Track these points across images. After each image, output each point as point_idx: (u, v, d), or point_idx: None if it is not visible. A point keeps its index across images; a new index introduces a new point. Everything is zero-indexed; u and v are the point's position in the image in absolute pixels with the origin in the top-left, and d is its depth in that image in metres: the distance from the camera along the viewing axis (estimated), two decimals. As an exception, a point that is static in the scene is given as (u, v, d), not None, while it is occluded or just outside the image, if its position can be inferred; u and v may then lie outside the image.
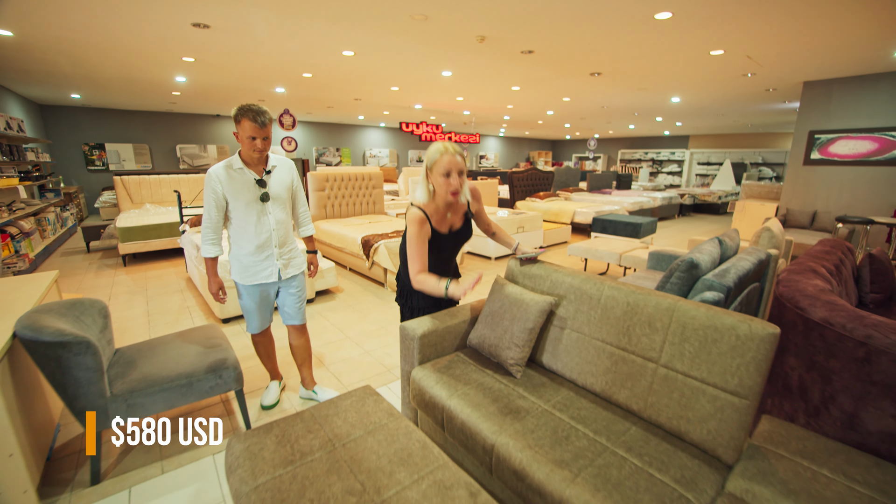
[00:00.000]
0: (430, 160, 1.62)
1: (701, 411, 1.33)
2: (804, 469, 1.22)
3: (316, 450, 1.27)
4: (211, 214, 1.88)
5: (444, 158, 1.59)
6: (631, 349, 1.53)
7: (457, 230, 1.80)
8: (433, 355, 1.85)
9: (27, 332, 1.45)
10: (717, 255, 2.56)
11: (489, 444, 1.38)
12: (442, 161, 1.59)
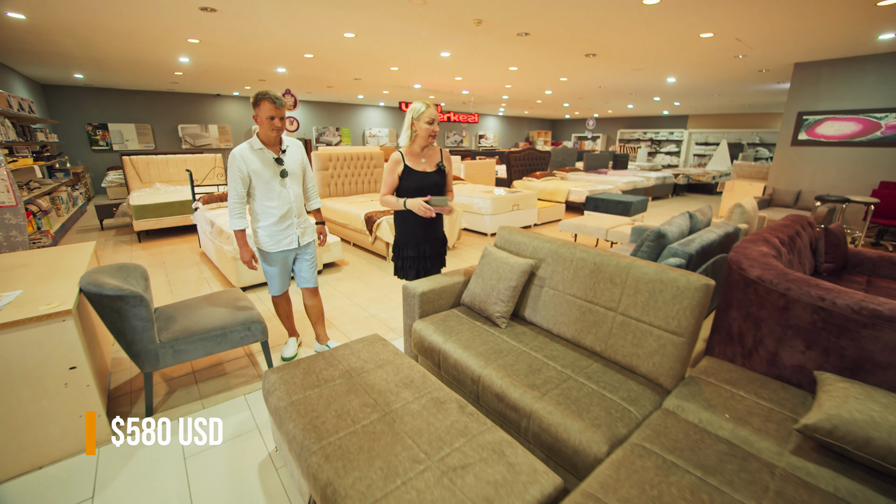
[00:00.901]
0: (416, 111, 2.13)
1: (648, 349, 1.64)
2: (725, 391, 1.54)
3: (336, 378, 1.58)
4: (238, 190, 2.13)
5: (429, 110, 2.12)
6: (595, 301, 1.83)
7: (429, 172, 2.23)
8: (431, 311, 2.16)
9: (92, 287, 1.74)
10: (687, 228, 2.85)
11: (476, 376, 1.69)
12: (427, 112, 2.11)
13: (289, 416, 1.39)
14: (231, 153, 2.10)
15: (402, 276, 2.40)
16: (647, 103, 12.44)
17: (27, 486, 1.59)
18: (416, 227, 2.27)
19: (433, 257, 2.37)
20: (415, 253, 2.30)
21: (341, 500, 1.07)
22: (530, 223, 6.19)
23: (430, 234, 2.31)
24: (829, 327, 1.56)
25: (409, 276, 2.36)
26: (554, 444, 1.41)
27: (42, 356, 1.59)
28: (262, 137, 2.15)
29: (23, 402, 1.59)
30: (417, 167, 2.19)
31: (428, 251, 2.33)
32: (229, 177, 2.14)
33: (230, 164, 2.11)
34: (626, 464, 1.20)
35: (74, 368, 1.67)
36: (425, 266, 2.36)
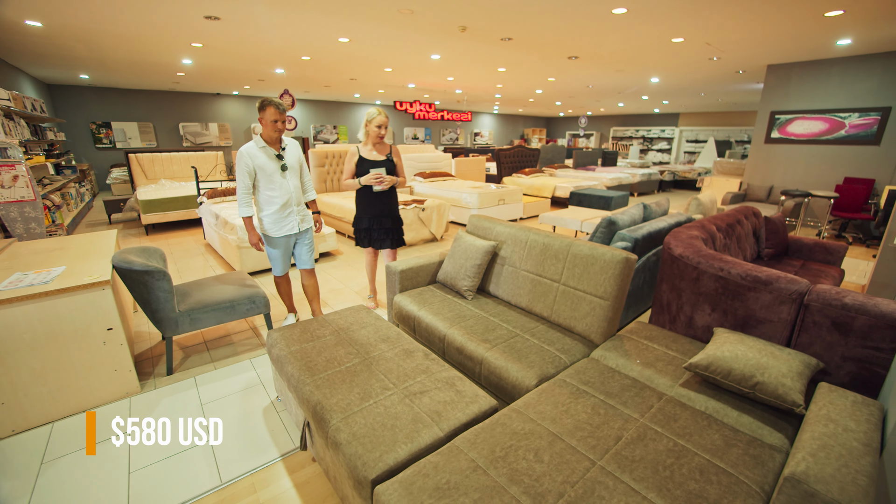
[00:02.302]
0: (369, 116, 2.81)
1: (583, 311, 2.00)
2: (643, 345, 1.90)
3: (327, 335, 1.94)
4: (246, 182, 2.49)
5: (378, 118, 2.79)
6: (544, 275, 2.19)
7: (379, 161, 2.88)
8: (410, 286, 2.52)
9: (124, 264, 2.09)
10: (640, 217, 3.21)
11: (442, 335, 2.05)
12: (377, 119, 2.80)
13: (288, 360, 1.75)
14: (239, 151, 2.46)
15: (361, 244, 3.06)
16: (638, 102, 12.77)
17: (75, 425, 1.95)
18: (368, 205, 2.95)
19: (384, 230, 3.01)
20: (367, 225, 2.97)
21: (327, 413, 1.43)
22: (516, 217, 6.55)
23: (380, 210, 2.95)
24: (726, 293, 1.92)
25: (364, 244, 3.04)
26: (499, 382, 1.77)
27: (86, 318, 1.95)
28: (266, 137, 2.51)
29: (72, 355, 1.95)
30: (369, 157, 2.85)
31: (377, 224, 2.98)
32: (238, 171, 2.49)
33: (238, 160, 2.47)
34: (547, 391, 1.56)
35: (111, 330, 2.02)
36: (378, 237, 3.00)
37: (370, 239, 3.03)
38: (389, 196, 2.99)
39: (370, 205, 2.96)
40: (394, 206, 3.04)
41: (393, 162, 2.94)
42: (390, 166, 2.92)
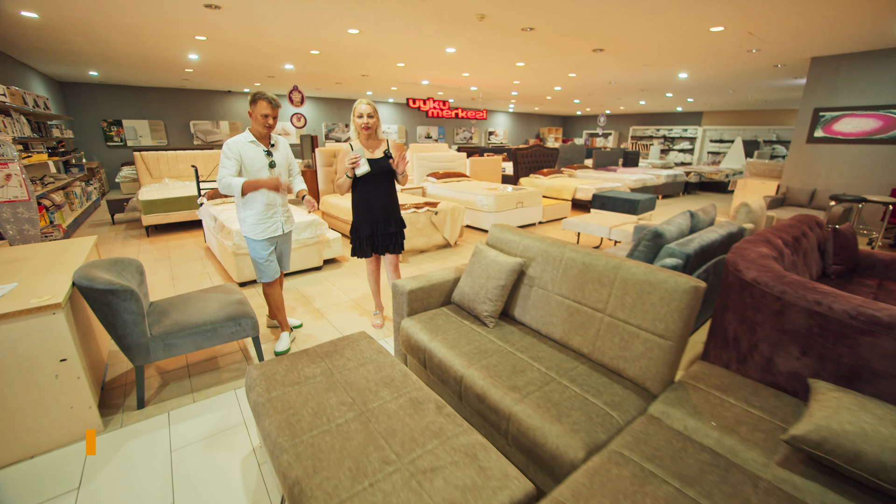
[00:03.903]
0: (353, 111, 2.50)
1: (635, 351, 1.60)
2: (714, 398, 1.49)
3: (317, 375, 1.58)
4: (232, 169, 2.25)
5: (359, 107, 2.45)
6: (584, 302, 1.79)
7: (375, 159, 2.53)
8: (421, 309, 2.14)
9: (84, 281, 1.77)
10: (687, 227, 2.78)
11: (459, 376, 1.67)
12: (357, 108, 2.46)
13: (266, 412, 1.39)
14: (225, 143, 2.28)
15: (360, 254, 2.70)
16: (660, 99, 12.19)
17: (18, 475, 1.63)
18: (368, 209, 2.60)
19: (388, 236, 2.67)
20: (369, 232, 2.63)
21: (307, 499, 1.07)
22: (535, 221, 6.13)
23: (380, 213, 2.61)
24: (825, 333, 1.49)
25: (366, 253, 2.68)
26: (532, 448, 1.38)
27: (33, 348, 1.62)
28: (255, 132, 2.36)
29: (14, 392, 1.62)
30: (371, 154, 2.53)
31: (381, 230, 2.63)
32: (223, 159, 2.26)
33: (225, 150, 2.28)
34: (601, 472, 1.17)
35: (65, 361, 1.70)
36: (382, 243, 2.67)
37: (374, 246, 2.68)
38: (389, 196, 2.64)
39: (370, 209, 2.60)
40: (396, 208, 2.70)
41: (389, 158, 2.56)
42: (387, 163, 2.54)
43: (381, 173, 2.53)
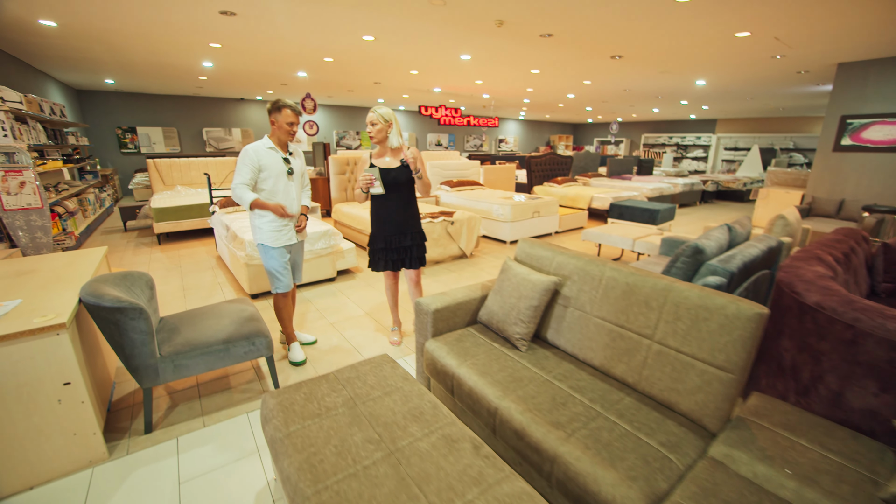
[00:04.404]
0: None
1: (690, 384, 1.44)
2: (783, 439, 1.33)
3: (339, 406, 1.45)
4: (248, 176, 2.21)
5: (369, 115, 2.37)
6: (628, 326, 1.64)
7: (391, 168, 2.40)
8: (445, 329, 2.00)
9: (91, 298, 1.66)
10: (725, 242, 2.61)
11: (493, 408, 1.53)
12: (367, 117, 2.37)
13: (285, 450, 1.26)
14: (244, 149, 2.22)
15: (375, 268, 2.57)
16: (674, 107, 12.02)
17: (17, 508, 1.51)
18: (382, 221, 2.48)
19: (403, 250, 2.53)
20: (383, 245, 2.51)
21: (335, 562, 0.93)
22: (551, 231, 5.97)
23: (397, 226, 2.48)
24: (909, 368, 1.33)
25: (380, 266, 2.55)
26: (582, 496, 1.23)
27: (35, 371, 1.51)
28: (276, 140, 2.32)
29: (13, 419, 1.51)
30: (381, 164, 2.43)
31: (395, 244, 2.50)
32: (241, 165, 2.22)
33: (243, 156, 2.22)
34: (670, 531, 1.01)
35: (69, 384, 1.58)
36: (397, 257, 2.53)
37: (386, 261, 2.54)
38: (407, 208, 2.49)
39: (385, 221, 2.48)
40: (413, 221, 2.54)
41: (407, 168, 2.39)
42: (404, 173, 2.40)
43: (397, 184, 2.40)
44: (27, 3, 3.66)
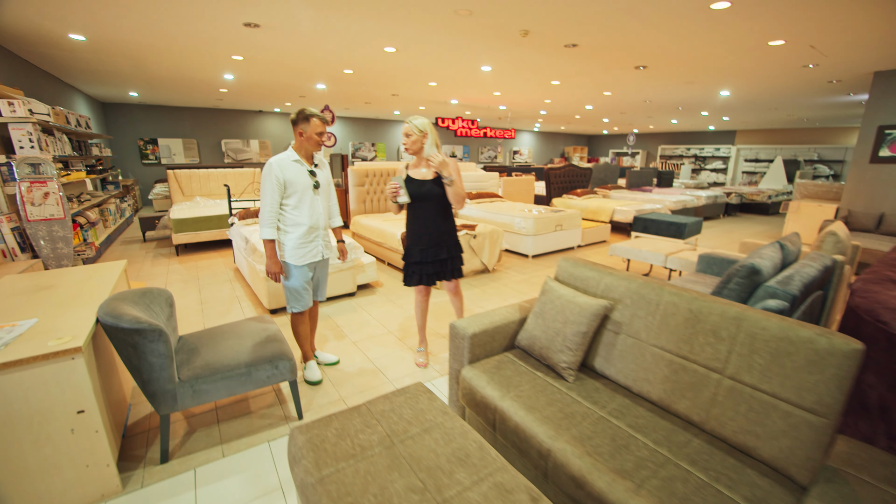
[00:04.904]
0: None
1: (772, 427, 1.27)
2: (893, 500, 1.14)
3: (375, 445, 1.30)
4: (274, 198, 2.12)
5: (404, 126, 2.32)
6: (693, 358, 1.47)
7: (426, 179, 2.33)
8: (482, 355, 1.85)
9: (109, 318, 1.56)
10: (779, 261, 2.42)
11: (545, 449, 1.37)
12: (404, 128, 2.32)
13: (318, 499, 1.12)
14: (268, 162, 2.12)
15: (409, 283, 2.49)
16: (693, 118, 11.81)
17: (23, 548, 1.39)
18: (418, 233, 2.41)
19: (438, 263, 2.46)
20: (419, 258, 2.42)
21: None
22: (574, 245, 5.80)
23: (432, 238, 2.40)
24: None
25: (414, 281, 2.46)
26: (661, 563, 1.05)
27: (47, 399, 1.41)
28: (302, 151, 2.21)
29: (23, 451, 1.40)
30: (416, 175, 2.36)
31: (431, 257, 2.42)
32: (265, 186, 2.12)
33: (266, 173, 2.12)
34: None
35: (83, 412, 1.47)
36: (433, 270, 2.45)
37: (421, 275, 2.46)
38: (443, 220, 2.42)
39: (421, 234, 2.42)
40: (449, 233, 2.47)
41: (441, 181, 2.34)
42: (439, 185, 2.34)
43: (428, 196, 2.34)
44: (59, 18, 3.70)
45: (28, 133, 4.21)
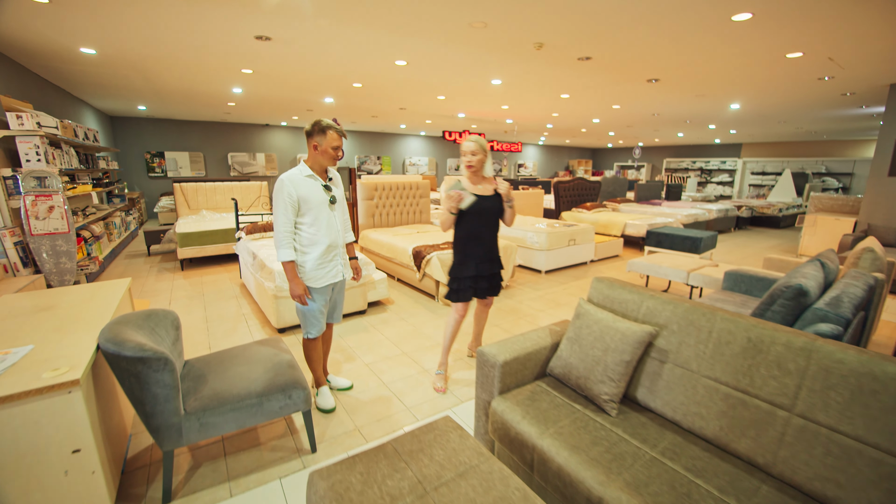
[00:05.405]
0: (463, 148, 2.39)
1: (858, 476, 1.11)
2: None
3: (406, 493, 1.15)
4: (288, 217, 1.99)
5: (463, 146, 2.38)
6: (754, 392, 1.32)
7: (487, 196, 2.38)
8: (513, 384, 1.70)
9: (110, 345, 1.43)
10: (822, 280, 2.28)
11: (596, 497, 1.21)
12: (462, 147, 2.39)
13: (343, 563, 0.97)
14: (279, 179, 1.98)
15: (461, 298, 2.45)
16: (700, 131, 11.77)
17: None
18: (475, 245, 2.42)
19: (491, 277, 2.52)
20: (474, 272, 2.42)
21: None
22: (587, 260, 5.66)
23: (486, 251, 2.45)
24: None
25: (467, 296, 2.44)
26: None
27: (39, 438, 1.27)
28: (315, 165, 2.08)
29: (11, 495, 1.26)
30: (476, 190, 2.39)
31: (486, 270, 2.46)
32: (277, 204, 1.99)
33: (278, 190, 1.98)
34: None
35: (78, 452, 1.33)
36: (486, 285, 2.49)
37: (476, 289, 2.47)
38: (495, 236, 2.51)
39: (476, 249, 2.42)
40: (497, 249, 2.54)
41: (500, 197, 2.42)
42: (498, 202, 2.42)
43: (488, 211, 2.40)
44: (71, 31, 3.68)
45: (35, 146, 4.15)
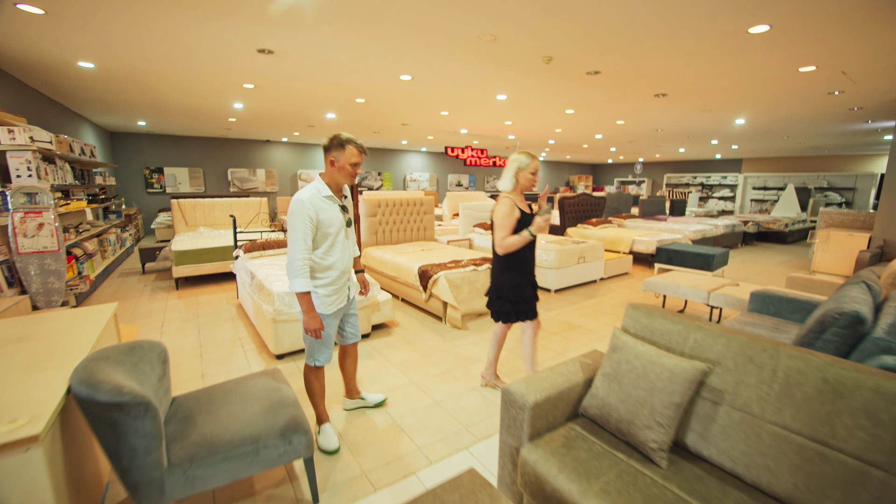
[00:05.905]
0: (522, 163, 2.27)
1: (984, 558, 0.91)
2: None
3: (431, 579, 0.94)
4: (307, 243, 1.82)
5: (534, 163, 2.29)
6: (836, 445, 1.13)
7: (529, 213, 2.33)
8: (544, 428, 1.50)
9: (83, 388, 1.23)
10: (872, 305, 2.10)
11: (660, 582, 1.00)
12: (532, 164, 2.27)
13: None
14: (298, 200, 1.79)
15: (518, 319, 2.37)
16: (702, 146, 11.76)
17: None
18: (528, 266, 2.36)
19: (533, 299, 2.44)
20: (530, 293, 2.37)
21: None
22: (596, 278, 5.47)
23: (531, 274, 2.41)
24: None
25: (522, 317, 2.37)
26: None
27: (-9, 505, 1.06)
28: (332, 184, 1.92)
29: (-48, 579, 1.05)
30: (525, 209, 2.33)
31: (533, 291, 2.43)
32: (295, 227, 1.79)
33: (297, 212, 1.78)
34: None
35: (38, 519, 1.12)
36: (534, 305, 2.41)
37: (528, 310, 2.39)
38: (535, 255, 2.45)
39: (530, 268, 2.39)
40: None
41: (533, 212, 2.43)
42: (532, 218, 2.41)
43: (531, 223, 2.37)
44: (69, 45, 3.57)
45: (27, 161, 4.00)
